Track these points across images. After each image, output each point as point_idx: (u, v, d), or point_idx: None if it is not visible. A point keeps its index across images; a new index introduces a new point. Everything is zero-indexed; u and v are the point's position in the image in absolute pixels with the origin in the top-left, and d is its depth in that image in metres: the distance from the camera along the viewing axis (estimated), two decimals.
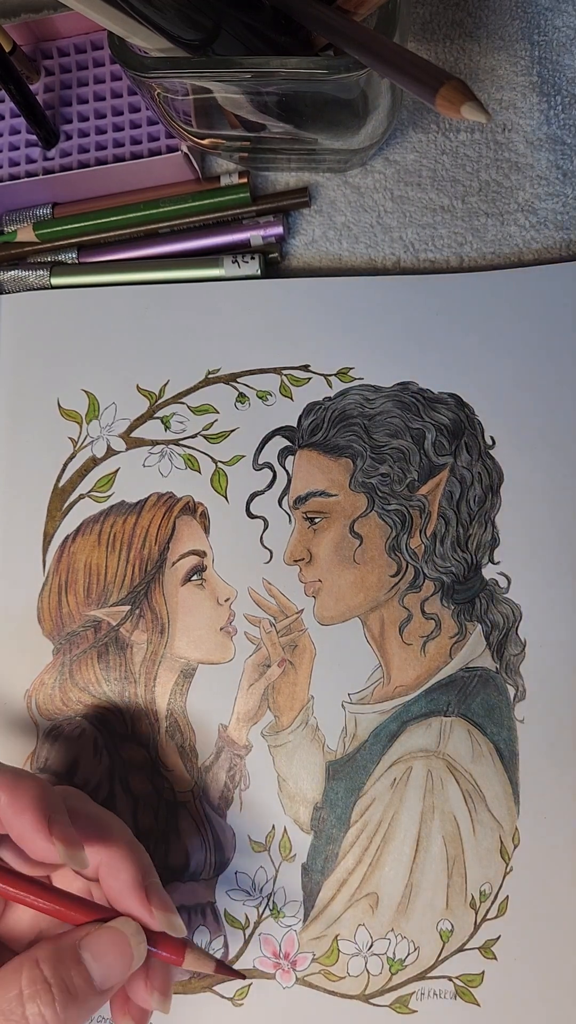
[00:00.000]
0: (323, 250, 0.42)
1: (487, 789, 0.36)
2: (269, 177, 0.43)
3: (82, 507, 0.40)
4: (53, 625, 0.39)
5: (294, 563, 0.38)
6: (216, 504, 0.39)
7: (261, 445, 0.40)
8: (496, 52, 0.41)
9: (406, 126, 0.41)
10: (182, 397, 0.40)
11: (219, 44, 0.32)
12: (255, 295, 0.41)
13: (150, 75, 0.32)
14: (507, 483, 0.38)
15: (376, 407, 0.39)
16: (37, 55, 0.43)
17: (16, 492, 0.41)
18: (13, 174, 0.42)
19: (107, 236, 0.42)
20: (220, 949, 0.37)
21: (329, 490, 0.39)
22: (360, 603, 0.38)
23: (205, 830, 0.37)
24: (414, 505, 0.38)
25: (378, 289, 0.40)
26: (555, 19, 0.41)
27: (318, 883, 0.36)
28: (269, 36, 0.33)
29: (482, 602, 0.37)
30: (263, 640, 0.38)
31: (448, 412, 0.39)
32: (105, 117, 0.42)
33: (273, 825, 0.37)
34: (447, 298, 0.40)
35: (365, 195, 0.42)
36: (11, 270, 0.42)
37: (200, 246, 0.42)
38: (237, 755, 0.37)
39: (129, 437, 0.40)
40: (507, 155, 0.41)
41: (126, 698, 0.38)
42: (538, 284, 0.39)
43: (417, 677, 0.37)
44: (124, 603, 0.39)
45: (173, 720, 0.38)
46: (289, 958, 0.36)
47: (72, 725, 0.38)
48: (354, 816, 0.36)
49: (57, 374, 0.41)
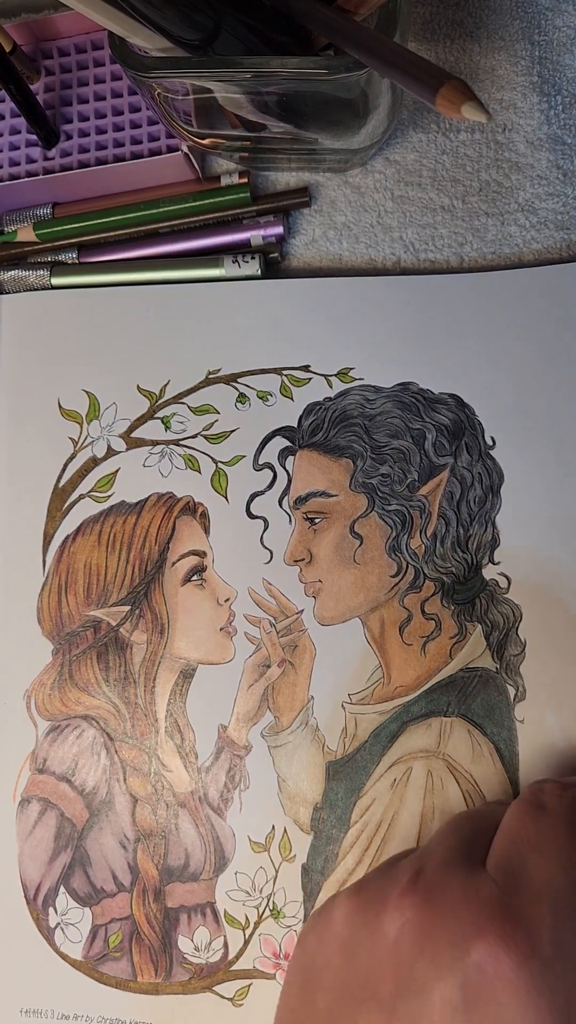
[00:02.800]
0: (323, 250, 0.42)
1: (487, 789, 0.36)
2: (269, 177, 0.43)
3: (82, 507, 0.40)
4: (53, 625, 0.39)
5: (294, 563, 0.38)
6: (216, 504, 0.39)
7: (261, 445, 0.40)
8: (496, 52, 0.41)
9: (406, 126, 0.41)
10: (182, 397, 0.40)
11: (219, 44, 0.32)
12: (255, 295, 0.41)
13: (150, 75, 0.32)
14: (507, 483, 0.38)
15: (376, 407, 0.39)
16: (37, 55, 0.43)
17: (16, 492, 0.41)
18: (13, 174, 0.42)
19: (107, 236, 0.42)
20: (220, 949, 0.37)
21: (329, 490, 0.39)
22: (360, 603, 0.38)
23: (205, 830, 0.37)
24: (414, 505, 0.38)
25: (378, 289, 0.40)
26: (555, 19, 0.41)
27: (318, 883, 0.36)
28: (269, 36, 0.33)
29: (482, 602, 0.37)
30: (263, 640, 0.38)
31: (448, 412, 0.39)
32: (105, 117, 0.42)
33: (273, 825, 0.37)
34: (447, 298, 0.40)
35: (365, 195, 0.41)
36: (11, 270, 0.42)
37: (200, 246, 0.42)
38: (237, 755, 0.37)
39: (129, 437, 0.40)
40: (507, 155, 0.41)
41: (126, 698, 0.38)
42: (538, 284, 0.39)
43: (417, 677, 0.37)
44: (124, 603, 0.39)
45: (173, 720, 0.38)
46: (289, 958, 0.36)
47: (71, 725, 0.38)
48: (354, 816, 0.36)
49: (57, 374, 0.41)
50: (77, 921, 0.38)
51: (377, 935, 0.26)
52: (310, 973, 0.28)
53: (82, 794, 0.38)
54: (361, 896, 0.28)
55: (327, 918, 0.29)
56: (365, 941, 0.27)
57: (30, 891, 0.38)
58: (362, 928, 0.27)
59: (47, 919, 0.38)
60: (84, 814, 0.38)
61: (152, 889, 0.37)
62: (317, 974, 0.28)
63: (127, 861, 0.37)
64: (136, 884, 0.37)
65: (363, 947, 0.27)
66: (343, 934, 0.28)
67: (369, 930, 0.27)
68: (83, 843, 0.38)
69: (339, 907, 0.28)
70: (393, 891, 0.27)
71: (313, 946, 0.29)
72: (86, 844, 0.38)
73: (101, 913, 0.37)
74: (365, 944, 0.27)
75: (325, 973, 0.27)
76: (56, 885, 0.38)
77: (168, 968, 0.37)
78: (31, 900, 0.38)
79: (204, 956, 0.37)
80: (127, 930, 0.37)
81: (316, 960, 0.28)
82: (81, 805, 0.38)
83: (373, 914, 0.27)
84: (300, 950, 0.29)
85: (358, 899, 0.28)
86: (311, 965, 0.28)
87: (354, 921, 0.28)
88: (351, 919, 0.28)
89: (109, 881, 0.37)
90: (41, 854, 0.38)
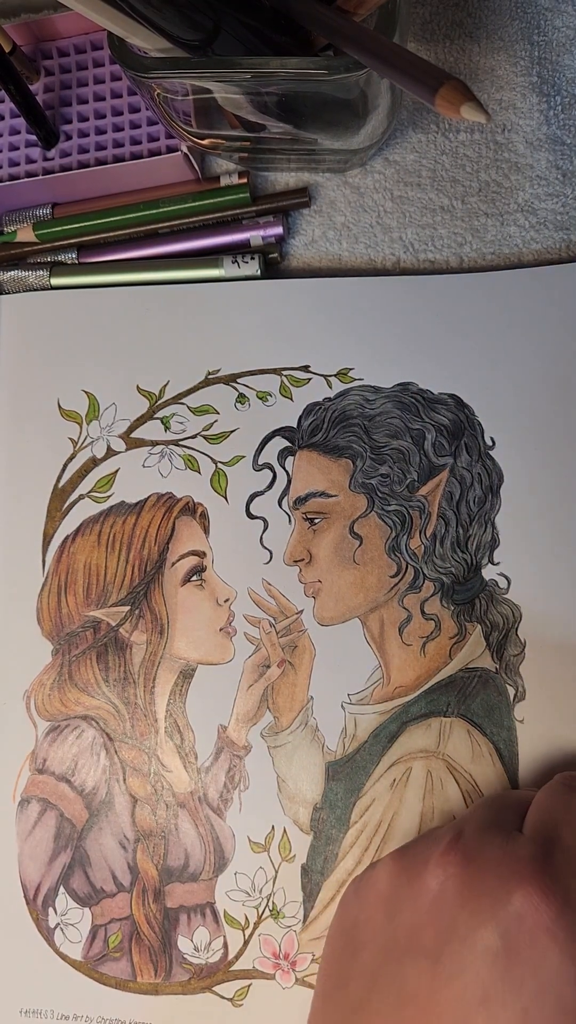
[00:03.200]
0: (323, 250, 0.42)
1: (487, 789, 0.36)
2: (269, 177, 0.43)
3: (82, 507, 0.40)
4: (52, 625, 0.39)
5: (294, 564, 0.38)
6: (216, 504, 0.39)
7: (261, 446, 0.40)
8: (496, 52, 0.41)
9: (406, 126, 0.41)
10: (182, 398, 0.40)
11: (219, 44, 0.32)
12: (255, 295, 0.41)
13: (150, 75, 0.32)
14: (507, 484, 0.38)
15: (376, 408, 0.39)
16: (37, 55, 0.43)
17: (16, 492, 0.41)
18: (13, 174, 0.42)
19: (107, 236, 0.42)
20: (220, 950, 0.37)
21: (329, 491, 0.39)
22: (360, 604, 0.38)
23: (204, 831, 0.37)
24: (414, 506, 0.38)
25: (378, 289, 0.40)
26: (555, 19, 0.41)
27: (318, 884, 0.36)
28: (269, 36, 0.33)
29: (482, 603, 0.37)
30: (263, 641, 0.38)
31: (448, 413, 0.39)
32: (105, 117, 0.42)
33: (272, 826, 0.37)
34: (447, 298, 0.40)
35: (365, 195, 0.41)
36: (11, 270, 0.42)
37: (200, 246, 0.42)
38: (236, 756, 0.37)
39: (129, 437, 0.40)
40: (507, 155, 0.41)
41: (125, 699, 0.38)
42: (538, 284, 0.39)
43: (417, 678, 0.37)
44: (124, 603, 0.39)
45: (172, 721, 0.38)
46: (289, 958, 0.36)
47: (71, 726, 0.38)
48: (354, 817, 0.36)
49: (57, 374, 0.41)
50: (77, 921, 0.38)
51: (420, 891, 0.28)
52: (352, 933, 0.30)
53: (82, 794, 0.38)
54: (404, 858, 0.30)
55: (370, 880, 0.30)
56: (408, 897, 0.28)
57: (30, 891, 0.38)
58: (405, 886, 0.29)
59: (47, 919, 0.38)
60: (84, 814, 0.38)
61: (152, 889, 0.37)
62: (359, 933, 0.29)
63: (127, 861, 0.37)
64: (136, 884, 0.37)
65: (406, 903, 0.28)
66: (385, 893, 0.29)
67: (412, 887, 0.29)
68: (83, 843, 0.38)
69: (382, 869, 0.30)
70: (435, 851, 0.29)
71: (355, 908, 0.30)
72: (86, 844, 0.38)
73: (101, 913, 0.37)
74: (408, 900, 0.28)
75: (367, 930, 0.29)
76: (56, 885, 0.38)
77: (168, 968, 0.37)
78: (31, 900, 0.38)
79: (204, 956, 0.37)
80: (127, 930, 0.37)
81: (358, 920, 0.30)
82: (81, 805, 0.38)
83: (415, 873, 0.29)
84: (341, 914, 0.31)
85: (401, 860, 0.30)
86: (353, 925, 0.30)
87: (397, 880, 0.29)
88: (394, 879, 0.29)
89: (109, 881, 0.37)
90: (41, 854, 0.38)
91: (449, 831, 0.30)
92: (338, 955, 0.30)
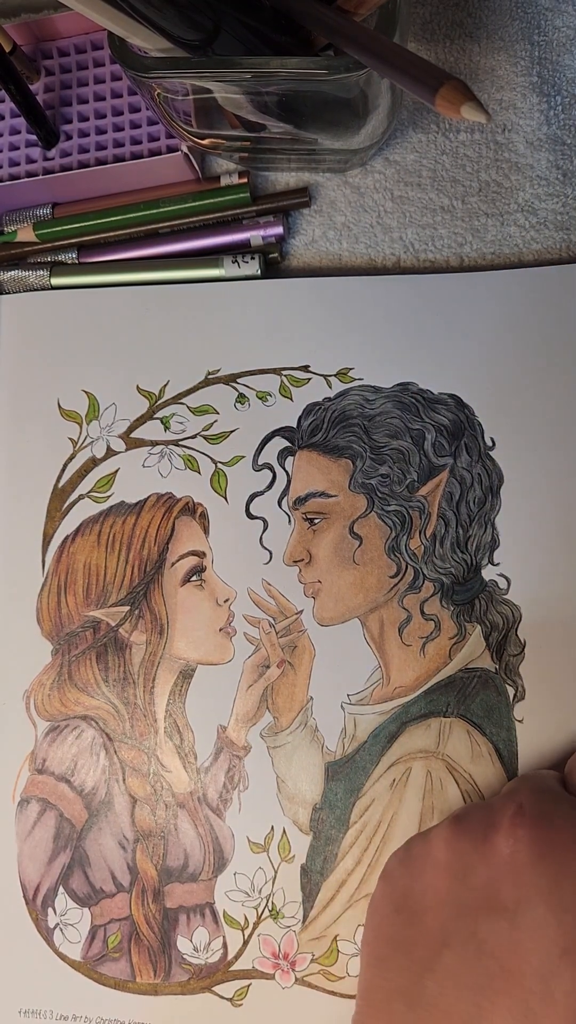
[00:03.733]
0: (323, 250, 0.42)
1: (486, 789, 0.36)
2: (269, 177, 0.43)
3: (82, 507, 0.40)
4: (52, 625, 0.39)
5: (293, 564, 0.38)
6: (216, 505, 0.39)
7: (261, 446, 0.40)
8: (496, 52, 0.41)
9: (406, 126, 0.41)
10: (182, 398, 0.40)
11: (219, 44, 0.32)
12: (255, 295, 0.41)
13: (150, 75, 0.32)
14: (507, 484, 0.38)
15: (376, 408, 0.39)
16: (37, 55, 0.43)
17: (16, 492, 0.41)
18: (13, 174, 0.42)
19: (107, 236, 0.42)
20: (219, 950, 0.37)
21: (329, 491, 0.39)
22: (359, 604, 0.38)
23: (204, 831, 0.37)
24: (414, 506, 0.38)
25: (378, 289, 0.40)
26: (555, 19, 0.41)
27: (317, 884, 0.36)
28: (269, 36, 0.33)
29: (482, 603, 0.37)
30: (262, 641, 0.38)
31: (448, 413, 0.39)
32: (105, 117, 0.42)
33: (272, 826, 0.37)
34: (447, 298, 0.40)
35: (365, 195, 0.41)
36: (11, 270, 0.42)
37: (200, 246, 0.42)
38: (236, 756, 0.37)
39: (129, 437, 0.40)
40: (507, 155, 0.41)
41: (125, 699, 0.38)
42: (538, 285, 0.39)
43: (416, 678, 0.37)
44: (123, 604, 0.39)
45: (172, 721, 0.38)
46: (288, 958, 0.36)
47: (71, 726, 0.38)
48: (353, 817, 0.36)
49: (57, 374, 0.41)
50: (76, 921, 0.38)
51: (491, 854, 0.30)
52: (407, 900, 0.31)
53: (81, 794, 0.38)
54: (463, 826, 0.31)
55: (424, 849, 0.31)
56: (477, 863, 0.30)
57: (29, 891, 0.38)
58: (471, 852, 0.30)
59: (46, 919, 0.38)
60: (83, 814, 0.38)
61: (151, 890, 0.37)
62: (418, 900, 0.30)
63: (126, 861, 0.37)
64: (135, 884, 0.37)
65: (477, 866, 0.30)
66: (446, 859, 0.30)
67: (480, 852, 0.30)
68: (82, 843, 0.38)
69: (438, 838, 0.31)
70: (503, 819, 0.30)
71: (405, 878, 0.31)
72: (85, 844, 0.38)
73: (100, 913, 0.37)
74: (479, 864, 0.30)
75: (429, 896, 0.30)
76: (55, 885, 0.38)
77: (167, 968, 0.37)
78: (30, 900, 0.38)
79: (203, 956, 0.37)
80: (126, 931, 0.37)
81: (413, 888, 0.31)
82: (80, 805, 0.38)
83: (482, 839, 0.30)
84: (388, 885, 0.32)
85: (460, 829, 0.31)
86: (407, 893, 0.31)
87: (459, 848, 0.30)
88: (455, 846, 0.31)
89: (108, 881, 0.37)
90: (40, 854, 0.38)
91: (507, 800, 0.31)
92: (391, 923, 0.31)
